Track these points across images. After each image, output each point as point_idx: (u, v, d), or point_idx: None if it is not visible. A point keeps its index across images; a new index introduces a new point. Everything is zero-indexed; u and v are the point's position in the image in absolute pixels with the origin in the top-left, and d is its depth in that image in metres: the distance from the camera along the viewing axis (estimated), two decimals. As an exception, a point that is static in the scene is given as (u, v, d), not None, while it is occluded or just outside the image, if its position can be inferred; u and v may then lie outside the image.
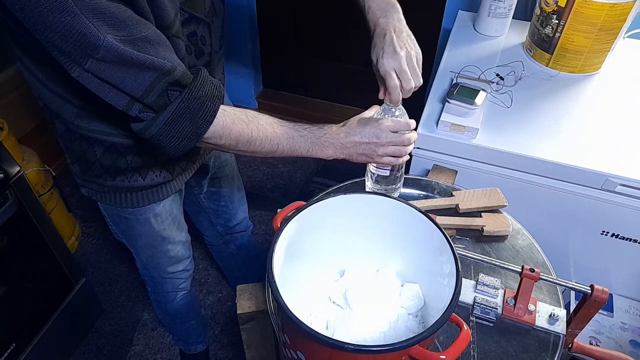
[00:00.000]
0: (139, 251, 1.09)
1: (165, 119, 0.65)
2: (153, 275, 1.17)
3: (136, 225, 0.99)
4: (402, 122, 0.79)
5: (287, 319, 0.54)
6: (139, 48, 0.60)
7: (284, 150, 0.77)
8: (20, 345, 1.30)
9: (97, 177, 0.88)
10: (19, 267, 1.28)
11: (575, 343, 0.78)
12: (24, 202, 1.21)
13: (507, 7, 1.32)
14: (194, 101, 0.66)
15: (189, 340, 1.48)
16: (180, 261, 1.15)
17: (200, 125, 0.68)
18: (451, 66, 1.25)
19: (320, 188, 2.10)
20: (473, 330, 0.75)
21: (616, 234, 1.08)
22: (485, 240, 0.90)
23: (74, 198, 2.05)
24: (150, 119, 0.66)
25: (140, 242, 1.05)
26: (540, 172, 1.04)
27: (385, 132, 0.77)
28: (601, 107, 1.15)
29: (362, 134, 0.78)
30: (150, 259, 1.10)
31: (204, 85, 0.68)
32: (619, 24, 1.13)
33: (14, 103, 1.84)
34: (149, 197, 0.93)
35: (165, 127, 0.66)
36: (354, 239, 0.75)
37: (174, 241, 1.08)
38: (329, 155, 0.80)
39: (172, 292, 1.24)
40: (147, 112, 0.65)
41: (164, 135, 0.67)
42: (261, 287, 0.87)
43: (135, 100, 0.64)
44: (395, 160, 0.81)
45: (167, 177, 0.92)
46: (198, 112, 0.67)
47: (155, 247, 1.06)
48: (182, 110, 0.66)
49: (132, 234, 1.03)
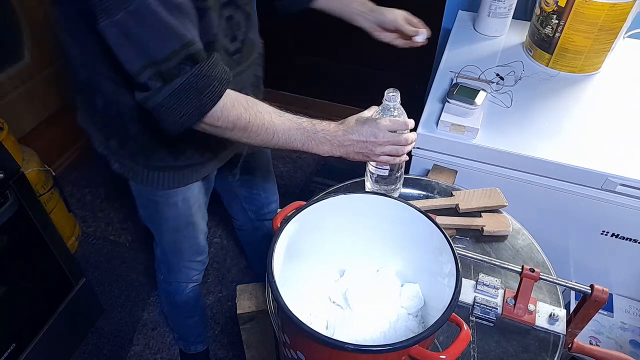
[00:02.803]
0: (162, 236, 1.10)
1: (171, 90, 0.66)
2: (171, 263, 1.18)
3: (164, 209, 1.00)
4: (400, 122, 0.79)
5: (287, 319, 0.54)
6: (169, 12, 0.61)
7: (279, 140, 0.77)
8: (20, 345, 1.30)
9: (132, 154, 0.90)
10: (19, 267, 1.27)
11: (575, 343, 0.78)
12: (24, 202, 1.21)
13: (507, 7, 1.32)
14: (203, 79, 0.67)
15: (189, 339, 1.48)
16: (200, 251, 1.17)
17: (204, 103, 0.68)
18: (451, 66, 1.25)
19: (320, 188, 2.10)
20: (473, 330, 0.75)
21: (616, 234, 1.08)
22: (485, 240, 0.90)
23: (74, 198, 2.05)
24: (157, 89, 0.66)
25: (166, 226, 1.06)
26: (540, 172, 1.04)
27: (383, 132, 0.78)
28: (601, 107, 1.15)
29: (360, 133, 0.78)
30: (173, 244, 1.11)
31: (215, 66, 0.69)
32: (619, 24, 1.13)
33: (14, 103, 1.84)
34: (180, 179, 0.95)
35: (169, 99, 0.66)
36: (354, 239, 0.75)
37: (198, 229, 1.10)
38: (324, 151, 0.80)
39: (184, 282, 1.25)
40: (155, 81, 0.65)
41: (167, 107, 0.67)
42: (261, 287, 0.87)
43: (150, 65, 0.64)
44: (392, 160, 0.81)
45: (198, 160, 0.94)
46: (204, 90, 0.67)
47: (179, 231, 1.07)
48: (189, 85, 0.66)
49: (159, 217, 1.04)
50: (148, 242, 1.90)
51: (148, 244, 1.89)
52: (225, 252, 1.88)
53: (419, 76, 2.01)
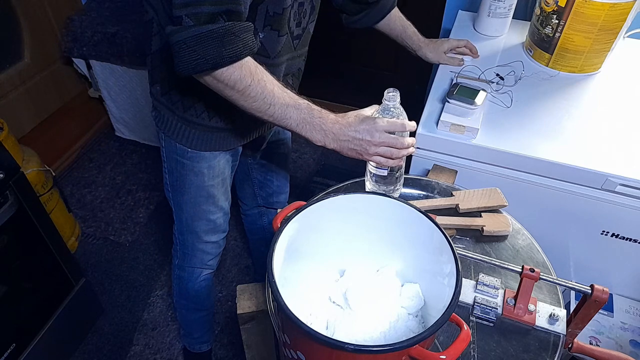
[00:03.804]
0: (182, 208, 1.11)
1: (198, 32, 0.68)
2: (187, 243, 1.19)
3: (189, 175, 1.03)
4: (397, 123, 0.79)
5: (287, 319, 0.54)
6: None
7: (274, 112, 0.77)
8: (20, 345, 1.30)
9: (171, 104, 0.94)
10: (19, 267, 1.28)
11: (575, 343, 0.78)
12: (24, 202, 1.21)
13: (507, 7, 1.32)
14: (230, 36, 0.70)
15: (194, 336, 1.48)
16: (217, 232, 1.18)
17: (222, 56, 0.71)
18: (451, 66, 1.25)
19: (320, 188, 2.10)
20: (473, 330, 0.75)
21: (616, 234, 1.08)
22: (485, 240, 0.90)
23: (74, 198, 2.05)
24: (188, 26, 0.68)
25: (188, 196, 1.07)
26: (540, 172, 1.04)
27: (380, 132, 0.78)
28: (601, 107, 1.15)
29: (357, 129, 0.78)
30: (191, 219, 1.12)
31: (246, 30, 0.72)
32: (619, 24, 1.13)
33: (14, 103, 1.85)
34: (209, 142, 0.98)
35: (193, 39, 0.69)
36: (354, 239, 0.75)
37: (218, 204, 1.11)
38: (317, 139, 0.80)
39: (198, 267, 1.25)
40: (189, 19, 0.68)
41: (188, 46, 0.69)
42: (261, 287, 0.87)
43: (192, 3, 0.67)
44: (386, 162, 0.81)
45: (229, 126, 0.97)
46: (227, 46, 0.70)
47: (199, 204, 1.08)
48: (217, 35, 0.69)
49: (182, 184, 1.06)
50: (148, 242, 1.90)
51: (148, 244, 1.89)
52: (225, 252, 1.88)
53: (419, 76, 2.02)
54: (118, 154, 2.25)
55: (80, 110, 2.22)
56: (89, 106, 2.26)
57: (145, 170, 2.18)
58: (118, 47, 1.84)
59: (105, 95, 2.12)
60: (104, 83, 2.05)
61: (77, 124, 2.24)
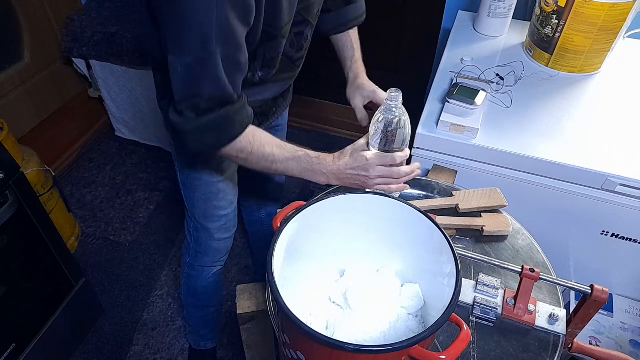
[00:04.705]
0: (195, 205, 1.14)
1: (198, 125, 0.76)
2: (200, 240, 1.21)
3: (199, 172, 1.06)
4: (387, 158, 0.81)
5: (287, 319, 0.54)
6: (228, 68, 0.73)
7: (277, 169, 0.85)
8: (20, 345, 1.30)
9: None
10: (19, 267, 1.27)
11: (575, 343, 0.78)
12: (24, 202, 1.21)
13: (507, 7, 1.32)
14: (227, 120, 0.77)
15: (200, 333, 1.49)
16: (229, 229, 1.20)
17: (221, 139, 0.79)
18: (451, 66, 1.25)
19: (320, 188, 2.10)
20: (473, 330, 0.75)
21: (616, 234, 1.08)
22: (485, 240, 0.90)
23: (74, 198, 2.05)
24: (190, 118, 0.75)
25: (199, 193, 1.10)
26: (540, 172, 1.04)
27: (373, 167, 0.81)
28: (601, 107, 1.15)
29: (352, 167, 0.83)
30: (204, 216, 1.15)
31: (240, 111, 0.78)
32: (619, 24, 1.13)
33: (14, 103, 1.84)
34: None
35: (196, 130, 0.77)
36: (354, 239, 0.75)
37: (227, 199, 1.13)
38: (321, 181, 0.86)
39: (208, 266, 1.28)
40: (190, 112, 0.75)
41: (193, 135, 0.78)
42: (261, 287, 0.87)
43: (192, 99, 0.74)
44: (389, 189, 0.84)
45: None
46: (225, 130, 0.78)
47: (210, 200, 1.11)
48: (215, 122, 0.76)
49: (192, 182, 1.09)
50: (148, 242, 1.90)
51: (148, 244, 1.89)
52: (225, 252, 1.88)
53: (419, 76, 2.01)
54: (118, 154, 2.25)
55: (80, 110, 2.22)
56: (89, 106, 2.26)
57: (145, 170, 2.18)
58: (118, 47, 1.84)
59: (105, 95, 2.12)
60: (104, 83, 2.05)
61: (77, 124, 2.24)
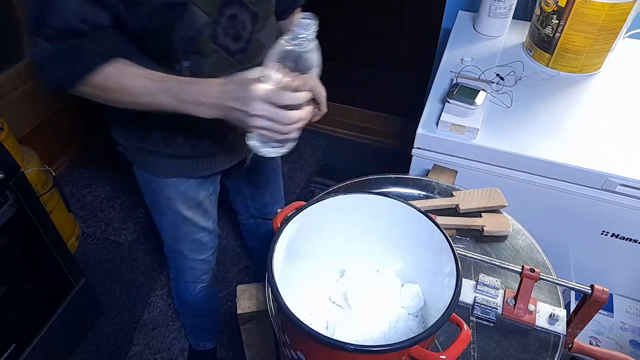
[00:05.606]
0: (163, 229, 1.11)
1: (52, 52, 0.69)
2: (175, 261, 1.19)
3: (161, 199, 1.02)
4: (276, 95, 0.65)
5: (287, 319, 0.54)
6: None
7: (145, 104, 0.73)
8: (20, 345, 1.30)
9: (129, 136, 0.95)
10: (19, 267, 1.28)
11: (576, 343, 0.78)
12: (24, 202, 1.21)
13: (507, 7, 1.32)
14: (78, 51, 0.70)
15: (198, 336, 1.49)
16: (204, 249, 1.16)
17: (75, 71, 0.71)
18: (451, 66, 1.25)
19: (320, 188, 2.11)
20: (473, 330, 0.75)
21: (616, 234, 1.08)
22: (485, 240, 0.90)
23: (74, 198, 2.05)
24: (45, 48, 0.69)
25: (165, 218, 1.07)
26: (540, 172, 1.04)
27: (256, 102, 0.65)
28: (601, 107, 1.15)
29: (234, 99, 0.67)
30: (174, 240, 1.12)
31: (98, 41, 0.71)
32: (619, 24, 1.13)
33: (14, 103, 1.84)
34: (172, 168, 0.96)
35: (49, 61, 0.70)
36: (354, 239, 0.75)
37: (199, 225, 1.10)
38: (204, 114, 0.71)
39: (192, 282, 1.25)
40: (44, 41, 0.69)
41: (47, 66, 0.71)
42: (261, 287, 0.87)
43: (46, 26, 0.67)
44: (274, 136, 0.68)
45: (189, 153, 0.94)
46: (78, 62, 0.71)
47: (178, 226, 1.07)
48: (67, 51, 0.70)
49: (157, 208, 1.06)
50: (148, 242, 1.90)
51: (148, 244, 1.89)
52: (225, 252, 1.88)
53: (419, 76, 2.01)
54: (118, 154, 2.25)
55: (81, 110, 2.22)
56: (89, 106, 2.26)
57: (145, 170, 2.18)
58: (118, 47, 1.84)
59: (105, 95, 2.11)
60: (104, 83, 2.05)
61: (77, 123, 2.24)
